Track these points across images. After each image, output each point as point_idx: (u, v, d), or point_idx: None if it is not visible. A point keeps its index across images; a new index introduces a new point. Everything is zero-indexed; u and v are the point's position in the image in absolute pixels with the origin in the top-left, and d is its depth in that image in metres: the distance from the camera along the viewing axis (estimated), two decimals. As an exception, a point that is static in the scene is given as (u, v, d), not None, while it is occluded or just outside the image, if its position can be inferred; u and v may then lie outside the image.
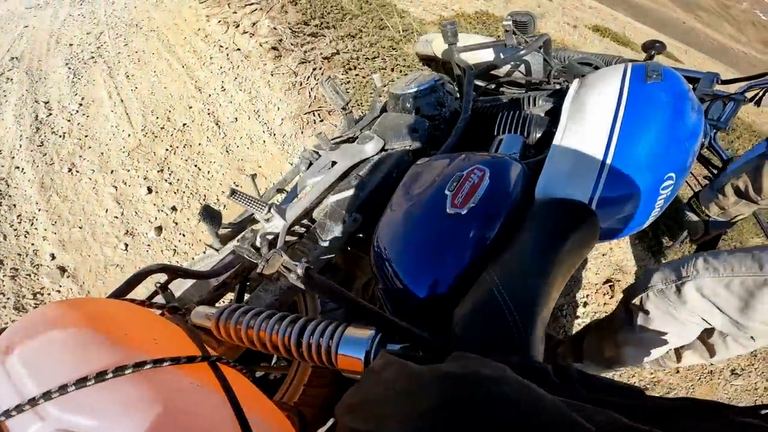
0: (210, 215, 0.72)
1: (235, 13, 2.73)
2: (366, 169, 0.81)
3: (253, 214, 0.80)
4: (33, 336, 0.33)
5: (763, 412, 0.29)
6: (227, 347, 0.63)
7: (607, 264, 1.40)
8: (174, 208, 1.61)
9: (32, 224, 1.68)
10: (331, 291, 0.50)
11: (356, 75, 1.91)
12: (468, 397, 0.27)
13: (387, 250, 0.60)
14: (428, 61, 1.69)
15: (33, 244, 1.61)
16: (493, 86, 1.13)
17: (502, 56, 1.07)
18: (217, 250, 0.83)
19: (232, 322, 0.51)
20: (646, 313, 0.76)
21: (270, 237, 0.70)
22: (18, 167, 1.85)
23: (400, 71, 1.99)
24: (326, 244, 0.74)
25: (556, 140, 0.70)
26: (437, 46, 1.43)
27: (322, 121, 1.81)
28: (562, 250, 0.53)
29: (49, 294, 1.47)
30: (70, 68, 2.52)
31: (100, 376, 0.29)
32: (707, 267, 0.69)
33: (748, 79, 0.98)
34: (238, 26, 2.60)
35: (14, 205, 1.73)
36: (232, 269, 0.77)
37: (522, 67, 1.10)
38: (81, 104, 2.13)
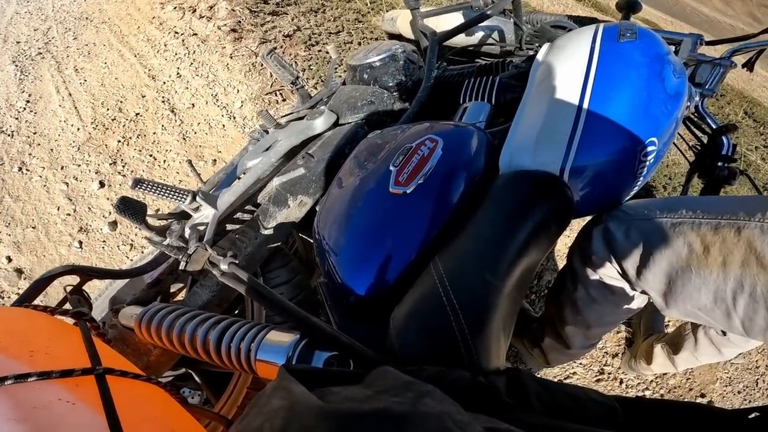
0: (129, 207, 0.59)
1: (190, -2, 2.61)
2: (315, 147, 0.74)
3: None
4: None
5: (751, 416, 0.26)
6: (162, 352, 0.57)
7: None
8: None
9: None
10: (252, 288, 0.44)
11: (319, 51, 1.83)
12: None
13: (326, 237, 0.54)
14: (397, 39, 1.62)
15: None
16: (460, 55, 1.05)
17: (467, 18, 0.99)
18: (154, 246, 0.76)
19: (154, 324, 0.46)
20: (574, 274, 0.66)
21: (201, 228, 0.63)
22: (-38, 171, 1.73)
23: (368, 45, 1.92)
24: (269, 232, 0.67)
25: (523, 104, 0.64)
26: (402, 23, 1.36)
27: (284, 100, 1.73)
28: (523, 232, 0.46)
29: (9, 297, 1.40)
30: (17, 66, 2.36)
31: None
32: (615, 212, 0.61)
33: (733, 40, 0.91)
34: (194, 11, 2.47)
35: None
36: (164, 265, 0.71)
37: (494, 34, 1.02)
38: (28, 101, 2.01)
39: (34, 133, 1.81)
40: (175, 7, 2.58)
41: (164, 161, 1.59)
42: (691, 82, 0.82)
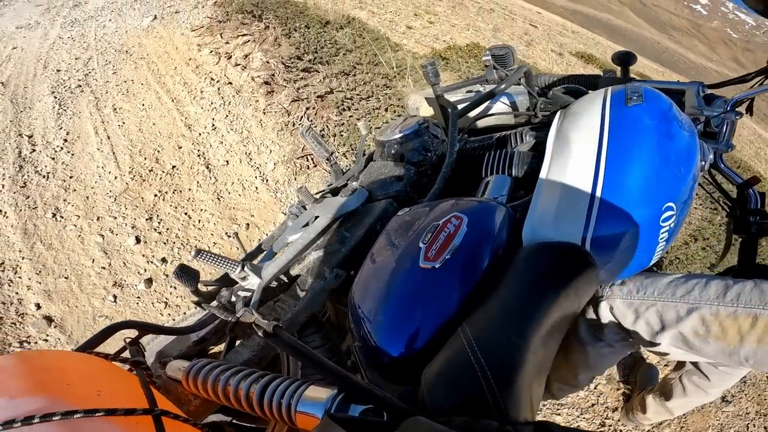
0: (186, 274, 0.67)
1: (227, 43, 2.72)
2: (349, 223, 0.80)
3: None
4: None
5: None
6: (202, 402, 0.63)
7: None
8: (164, 260, 1.58)
9: (15, 273, 1.62)
10: (295, 349, 0.49)
11: (350, 116, 1.90)
12: None
13: (361, 306, 0.59)
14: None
15: (17, 293, 1.57)
16: (480, 125, 1.09)
17: (485, 92, 1.05)
18: (203, 308, 0.82)
19: (201, 377, 0.51)
20: (580, 337, 0.71)
21: (246, 295, 0.70)
22: (0, 211, 1.79)
23: (394, 111, 2.00)
24: (307, 300, 0.72)
25: (541, 177, 0.67)
26: (424, 111, 1.44)
27: (315, 166, 1.80)
28: (548, 299, 0.49)
29: (36, 342, 1.44)
30: (56, 98, 2.46)
31: (27, 420, 0.30)
32: (621, 287, 0.65)
33: (733, 82, 0.95)
34: (230, 57, 2.58)
35: None
36: (211, 325, 0.76)
37: (510, 103, 1.06)
38: (66, 140, 2.08)
39: (71, 177, 1.87)
40: (211, 51, 2.69)
41: (199, 221, 1.65)
42: (705, 137, 0.83)
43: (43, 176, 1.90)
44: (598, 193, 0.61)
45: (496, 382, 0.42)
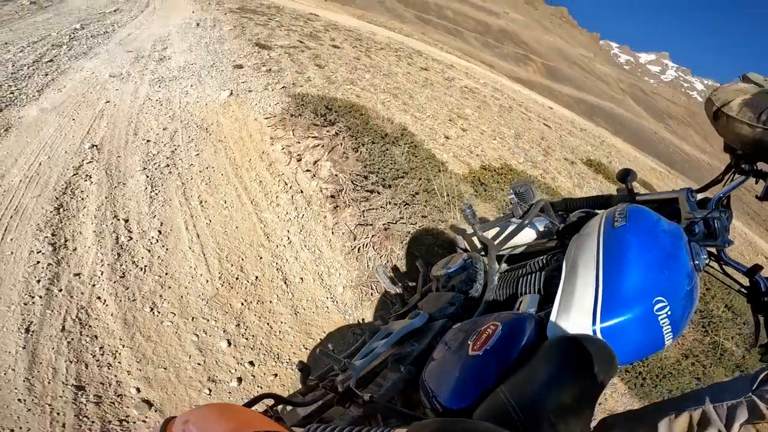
0: (303, 368, 1.02)
1: (298, 143, 3.13)
2: (415, 337, 1.08)
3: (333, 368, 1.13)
4: (196, 419, 0.55)
5: None
6: None
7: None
8: (252, 363, 1.89)
9: (115, 358, 1.92)
10: (384, 407, 0.79)
11: (411, 252, 2.30)
12: None
13: (430, 384, 0.83)
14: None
15: (116, 376, 1.85)
16: (516, 252, 1.29)
17: (514, 226, 1.25)
18: (305, 394, 1.12)
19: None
20: None
21: (346, 382, 1.00)
22: (99, 297, 2.10)
23: (445, 247, 2.40)
24: (387, 388, 0.98)
25: (559, 292, 0.85)
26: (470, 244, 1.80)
27: (377, 291, 2.17)
28: (562, 370, 0.65)
29: (134, 422, 1.67)
30: (147, 177, 2.82)
31: None
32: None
33: (713, 183, 1.10)
34: (300, 160, 2.98)
35: (96, 336, 1.97)
36: (322, 400, 1.06)
37: (535, 230, 1.25)
38: (160, 231, 2.43)
39: (166, 274, 2.21)
40: (282, 148, 3.10)
41: (279, 332, 1.99)
42: (708, 237, 0.96)
43: (141, 269, 2.23)
44: (599, 296, 0.78)
45: (525, 416, 0.59)
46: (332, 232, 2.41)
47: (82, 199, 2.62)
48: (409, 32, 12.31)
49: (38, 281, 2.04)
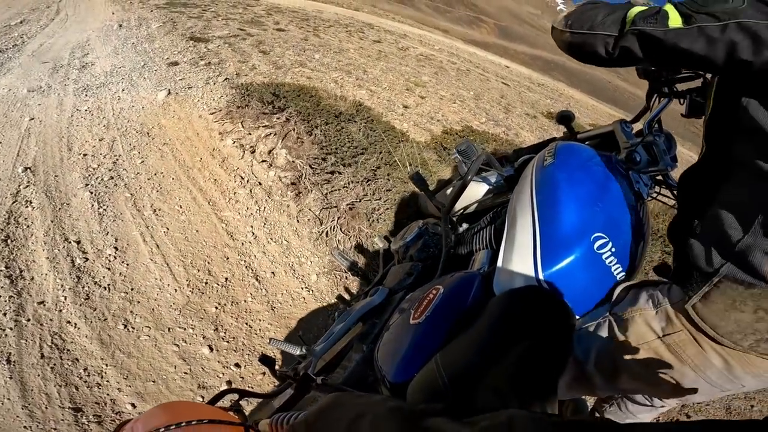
0: (265, 360, 1.00)
1: (249, 134, 3.00)
2: (376, 313, 1.08)
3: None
4: (143, 418, 0.56)
5: None
6: None
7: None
8: (237, 365, 1.88)
9: (102, 377, 1.85)
10: (335, 388, 0.81)
11: (380, 227, 2.29)
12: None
13: (379, 361, 0.80)
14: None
15: (108, 395, 1.80)
16: (472, 209, 1.27)
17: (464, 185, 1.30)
18: (282, 377, 1.10)
19: (278, 421, 0.76)
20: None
21: (308, 368, 1.02)
22: (69, 322, 2.01)
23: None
24: (350, 370, 0.99)
25: (502, 244, 0.82)
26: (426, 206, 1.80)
27: (353, 275, 2.17)
28: (501, 329, 0.60)
29: None
30: (91, 193, 2.64)
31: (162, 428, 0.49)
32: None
33: (643, 112, 1.09)
34: (254, 152, 2.86)
35: (77, 359, 1.89)
36: (286, 390, 1.07)
37: (487, 185, 1.23)
38: (116, 248, 2.31)
39: (132, 289, 2.12)
40: (234, 142, 2.96)
41: (260, 329, 1.97)
42: (650, 164, 0.94)
43: (104, 288, 2.13)
44: (538, 243, 0.75)
45: (451, 384, 0.55)
46: (297, 221, 2.36)
47: (27, 226, 2.45)
48: (359, 5, 11.81)
49: (4, 314, 1.96)
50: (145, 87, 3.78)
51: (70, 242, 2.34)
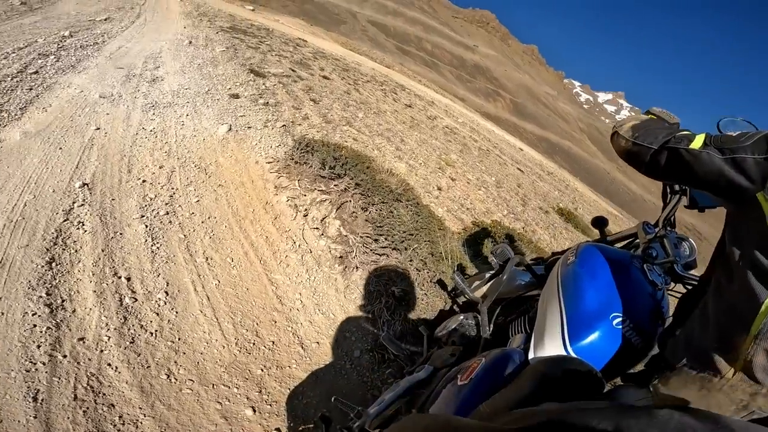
0: (324, 419, 1.20)
1: (304, 195, 3.18)
2: (425, 386, 1.24)
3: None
4: None
5: None
6: None
7: None
8: (278, 430, 1.91)
9: (137, 427, 1.84)
10: None
11: (421, 317, 2.48)
12: None
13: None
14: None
15: None
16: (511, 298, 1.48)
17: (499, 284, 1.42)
18: None
19: None
20: None
21: (361, 428, 1.19)
22: (110, 364, 2.03)
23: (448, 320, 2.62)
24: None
25: (535, 329, 1.00)
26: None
27: (391, 356, 2.32)
28: (539, 387, 0.65)
29: None
30: (146, 226, 2.72)
31: None
32: None
33: (662, 212, 1.25)
34: (306, 215, 3.04)
35: (113, 405, 1.89)
36: None
37: (523, 280, 1.47)
38: (167, 292, 2.38)
39: (179, 339, 2.18)
40: (287, 200, 3.14)
41: (302, 397, 2.04)
42: (665, 259, 1.09)
43: (151, 333, 2.17)
44: (565, 324, 0.91)
45: None
46: (344, 296, 2.52)
47: (76, 251, 2.47)
48: (390, 63, 12.81)
49: (38, 346, 1.93)
50: (207, 117, 3.96)
51: (120, 277, 2.37)
